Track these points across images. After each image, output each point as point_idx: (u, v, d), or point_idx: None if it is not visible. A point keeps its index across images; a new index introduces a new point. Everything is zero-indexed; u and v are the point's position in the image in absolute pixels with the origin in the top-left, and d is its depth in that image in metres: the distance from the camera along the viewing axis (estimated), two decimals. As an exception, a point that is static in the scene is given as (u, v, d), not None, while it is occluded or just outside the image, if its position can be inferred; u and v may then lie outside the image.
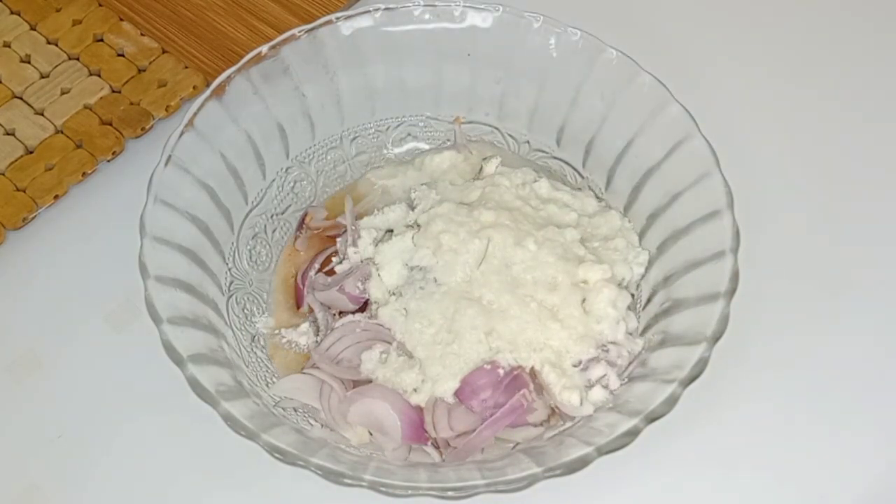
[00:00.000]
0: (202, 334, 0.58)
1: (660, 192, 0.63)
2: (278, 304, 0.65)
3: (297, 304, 0.64)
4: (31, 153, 0.71)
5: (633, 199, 0.65)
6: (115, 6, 0.77)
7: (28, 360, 0.64)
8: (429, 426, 0.58)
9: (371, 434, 0.59)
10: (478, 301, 0.60)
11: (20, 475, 0.61)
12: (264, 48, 0.65)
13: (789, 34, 0.78)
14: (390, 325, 0.61)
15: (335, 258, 0.65)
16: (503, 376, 0.58)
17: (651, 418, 0.54)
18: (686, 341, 0.57)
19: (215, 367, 0.56)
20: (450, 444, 0.58)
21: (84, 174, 0.70)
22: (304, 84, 0.66)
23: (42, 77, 0.74)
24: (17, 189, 0.69)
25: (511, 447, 0.58)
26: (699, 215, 0.60)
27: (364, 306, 0.63)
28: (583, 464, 0.53)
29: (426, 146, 0.70)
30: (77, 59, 0.75)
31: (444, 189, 0.66)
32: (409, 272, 0.62)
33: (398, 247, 0.62)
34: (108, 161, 0.71)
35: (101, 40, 0.76)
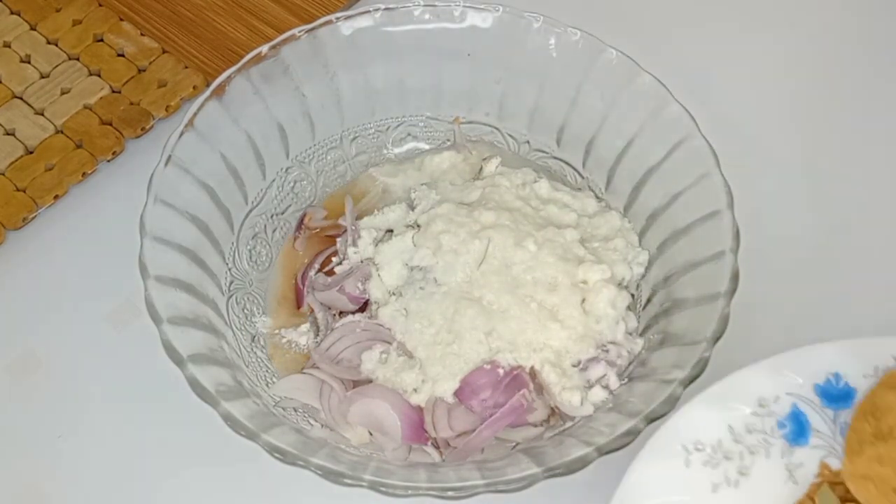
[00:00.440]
0: (202, 334, 0.57)
1: (660, 192, 0.63)
2: (278, 304, 0.65)
3: (297, 304, 0.64)
4: (31, 153, 0.71)
5: (633, 200, 0.65)
6: (115, 6, 0.77)
7: (28, 360, 0.64)
8: (429, 426, 0.58)
9: (371, 434, 0.59)
10: (478, 301, 0.60)
11: (20, 475, 0.61)
12: (264, 48, 0.65)
13: (790, 34, 0.78)
14: (390, 326, 0.61)
15: (335, 258, 0.65)
16: (503, 376, 0.58)
17: (651, 418, 0.54)
18: (686, 341, 0.57)
19: (215, 367, 0.56)
20: (450, 444, 0.58)
21: (84, 174, 0.70)
22: (304, 84, 0.66)
23: (42, 77, 0.74)
24: (17, 189, 0.69)
25: (511, 447, 0.58)
26: (699, 215, 0.60)
27: (364, 306, 0.63)
28: (583, 464, 0.53)
29: (426, 146, 0.70)
30: (77, 59, 0.75)
31: (444, 189, 0.66)
32: (409, 272, 0.62)
33: (398, 247, 0.62)
34: (108, 161, 0.71)
35: (101, 40, 0.76)
